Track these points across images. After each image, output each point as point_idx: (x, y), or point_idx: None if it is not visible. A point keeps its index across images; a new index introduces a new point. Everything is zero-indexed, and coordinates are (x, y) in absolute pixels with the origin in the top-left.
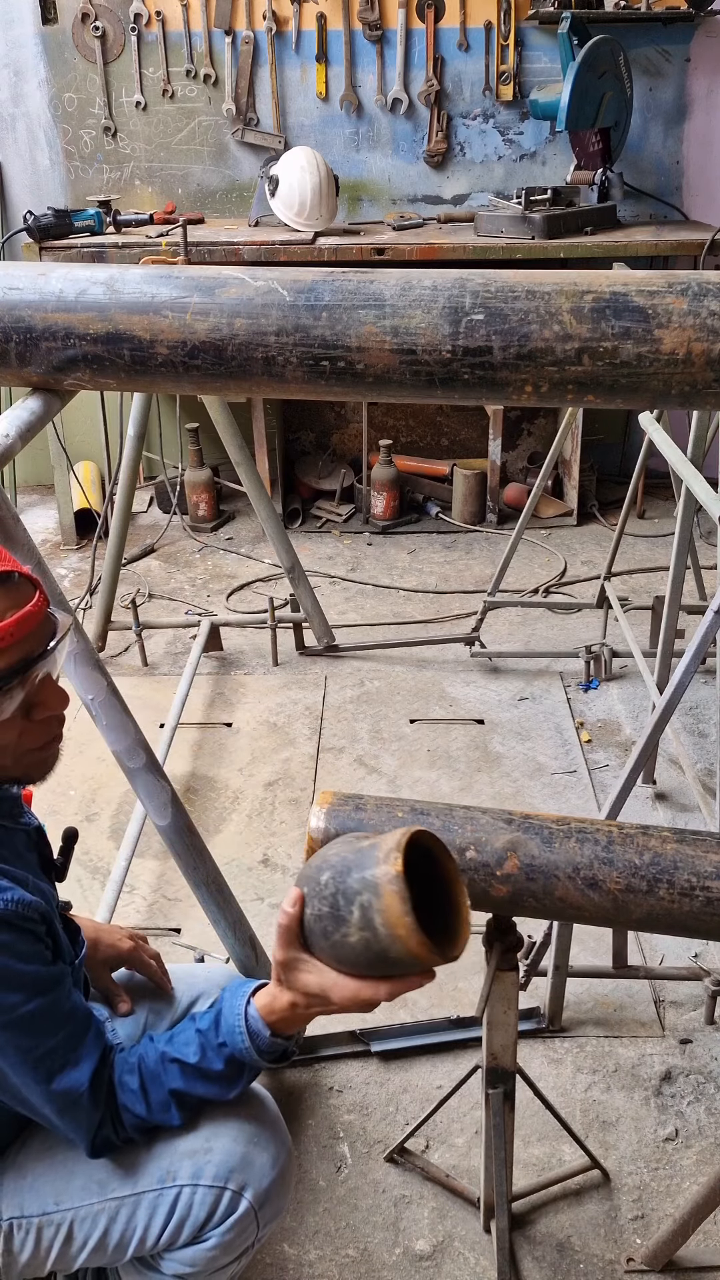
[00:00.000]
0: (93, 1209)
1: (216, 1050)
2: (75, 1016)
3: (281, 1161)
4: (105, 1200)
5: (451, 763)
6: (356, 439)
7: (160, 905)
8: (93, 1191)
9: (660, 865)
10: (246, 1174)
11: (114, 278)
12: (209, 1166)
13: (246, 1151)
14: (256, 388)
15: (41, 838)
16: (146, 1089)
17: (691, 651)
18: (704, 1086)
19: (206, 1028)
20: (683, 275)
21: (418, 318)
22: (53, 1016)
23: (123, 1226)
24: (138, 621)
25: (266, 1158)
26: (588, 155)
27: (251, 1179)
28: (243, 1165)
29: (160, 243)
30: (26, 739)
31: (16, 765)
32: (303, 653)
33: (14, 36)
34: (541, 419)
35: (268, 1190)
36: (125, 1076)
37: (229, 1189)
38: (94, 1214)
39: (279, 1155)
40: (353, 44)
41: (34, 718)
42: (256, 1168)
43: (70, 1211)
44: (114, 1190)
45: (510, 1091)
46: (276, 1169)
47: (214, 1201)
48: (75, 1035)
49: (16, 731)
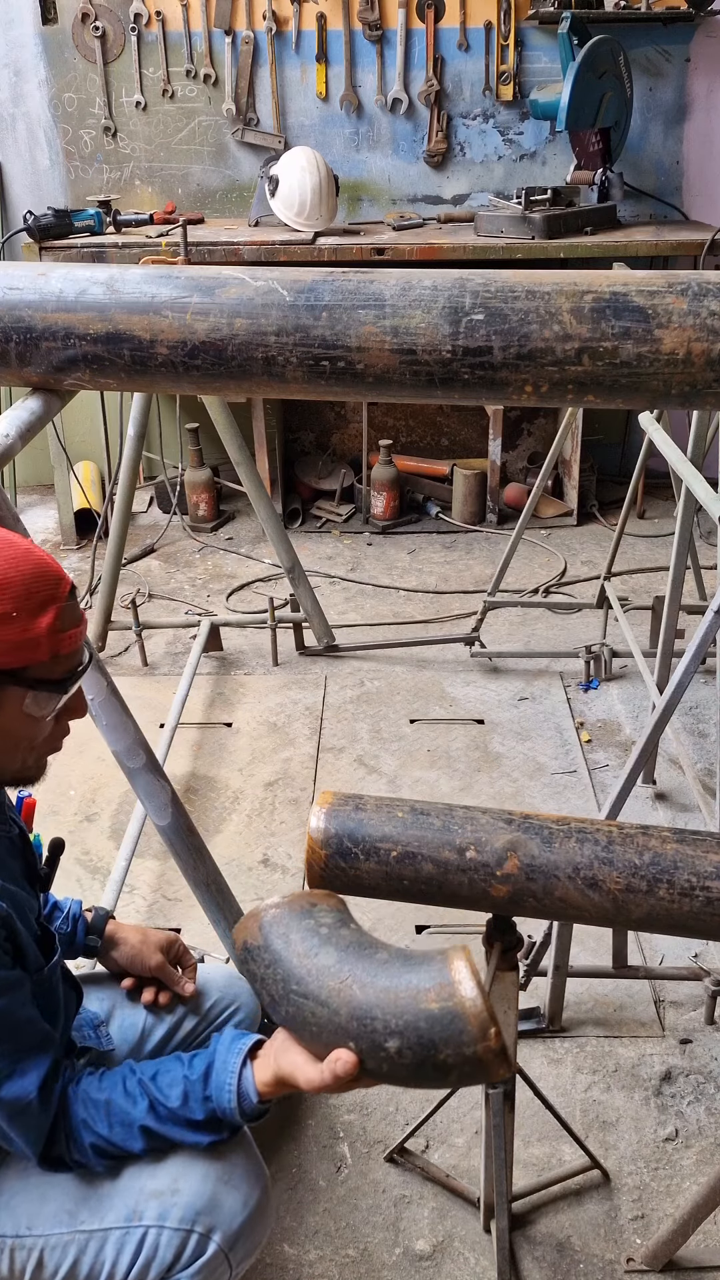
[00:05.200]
0: (62, 1238)
1: (201, 1102)
2: (27, 1026)
3: (253, 1201)
4: (75, 1231)
5: (451, 763)
6: (356, 439)
7: (160, 905)
8: (63, 1221)
9: (660, 865)
10: (215, 1216)
11: (114, 278)
12: (175, 1209)
13: (215, 1192)
14: (256, 388)
15: (25, 844)
16: (111, 1114)
17: (691, 651)
18: (704, 1086)
19: (195, 1077)
20: (683, 275)
21: (418, 318)
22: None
23: (91, 1260)
24: (138, 621)
25: (237, 1198)
26: (588, 155)
27: (220, 1221)
28: (210, 1207)
29: (160, 243)
30: (51, 740)
31: (24, 766)
32: (303, 653)
33: (14, 36)
34: (541, 419)
35: (238, 1232)
36: (93, 1094)
37: (196, 1231)
38: (64, 1244)
39: (251, 1195)
40: (353, 44)
41: (62, 720)
42: (226, 1209)
43: (41, 1238)
44: (83, 1222)
45: (510, 1091)
46: (248, 1210)
47: (180, 1244)
48: (24, 1044)
49: (47, 732)
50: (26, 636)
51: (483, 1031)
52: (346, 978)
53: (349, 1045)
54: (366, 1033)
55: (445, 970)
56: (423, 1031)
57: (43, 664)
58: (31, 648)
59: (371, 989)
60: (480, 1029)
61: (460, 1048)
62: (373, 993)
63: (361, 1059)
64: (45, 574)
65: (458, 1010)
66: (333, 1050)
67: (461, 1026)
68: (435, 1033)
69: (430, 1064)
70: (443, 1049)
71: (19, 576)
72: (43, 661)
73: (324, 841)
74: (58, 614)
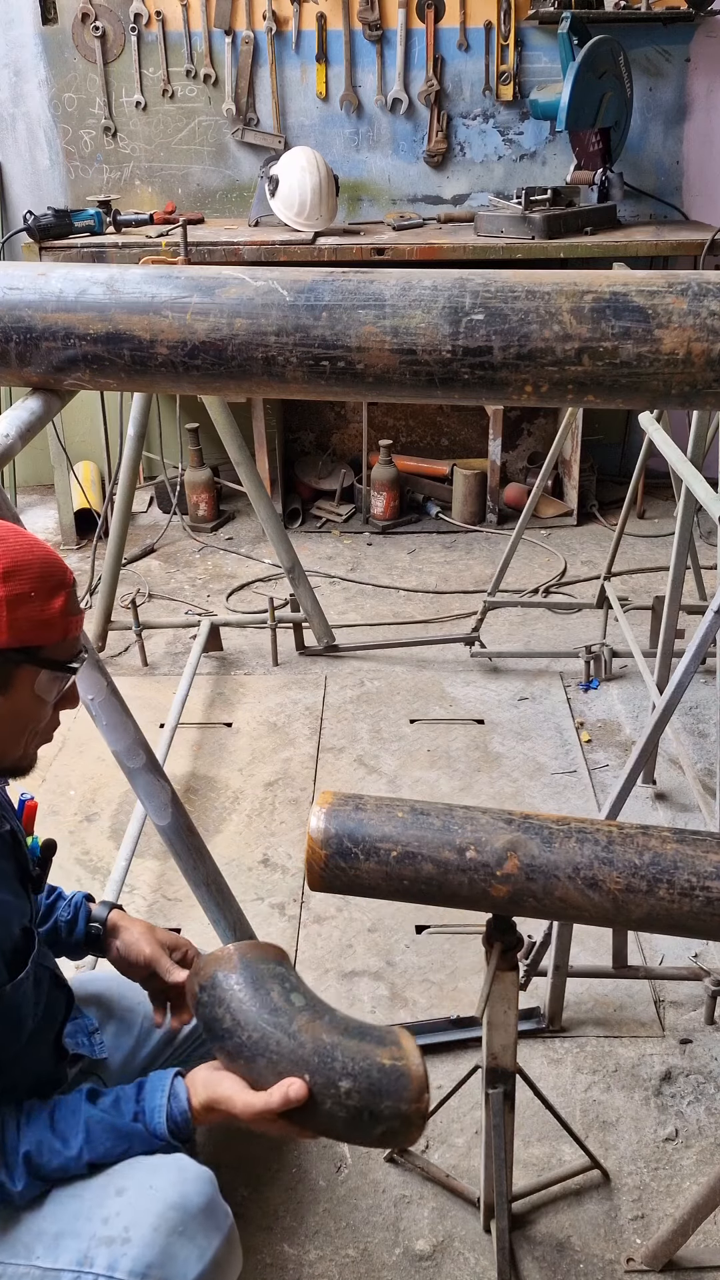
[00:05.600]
0: (18, 1271)
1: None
2: None
3: (211, 1252)
4: (30, 1265)
5: (451, 763)
6: (356, 439)
7: (160, 905)
8: (20, 1253)
9: (660, 865)
10: (167, 1269)
11: (114, 278)
12: (124, 1259)
13: (168, 1244)
14: (256, 388)
15: (17, 844)
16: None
17: (691, 651)
18: (704, 1086)
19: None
20: (683, 275)
21: (418, 318)
22: None
23: None
24: (138, 621)
25: (192, 1250)
26: (588, 155)
27: (173, 1274)
28: (163, 1259)
29: (160, 243)
30: (47, 729)
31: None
32: (303, 653)
33: (14, 36)
34: (541, 419)
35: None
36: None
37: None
38: (19, 1276)
39: (209, 1245)
40: (353, 44)
41: (57, 709)
42: (179, 1261)
43: (3, 1266)
44: (38, 1257)
45: (510, 1091)
46: (204, 1262)
47: None
48: None
49: (45, 718)
50: (44, 616)
51: (419, 1093)
52: (315, 1019)
53: (304, 1077)
54: (325, 1068)
55: (397, 1039)
56: (374, 1079)
57: (56, 645)
58: (48, 627)
59: (336, 1033)
60: (419, 1090)
61: (399, 1102)
62: (337, 1036)
63: (312, 1091)
64: (54, 560)
65: (405, 1070)
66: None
67: (405, 1084)
68: (383, 1083)
69: (369, 1110)
70: (384, 1099)
71: (35, 560)
72: (55, 642)
73: (324, 841)
74: (67, 598)
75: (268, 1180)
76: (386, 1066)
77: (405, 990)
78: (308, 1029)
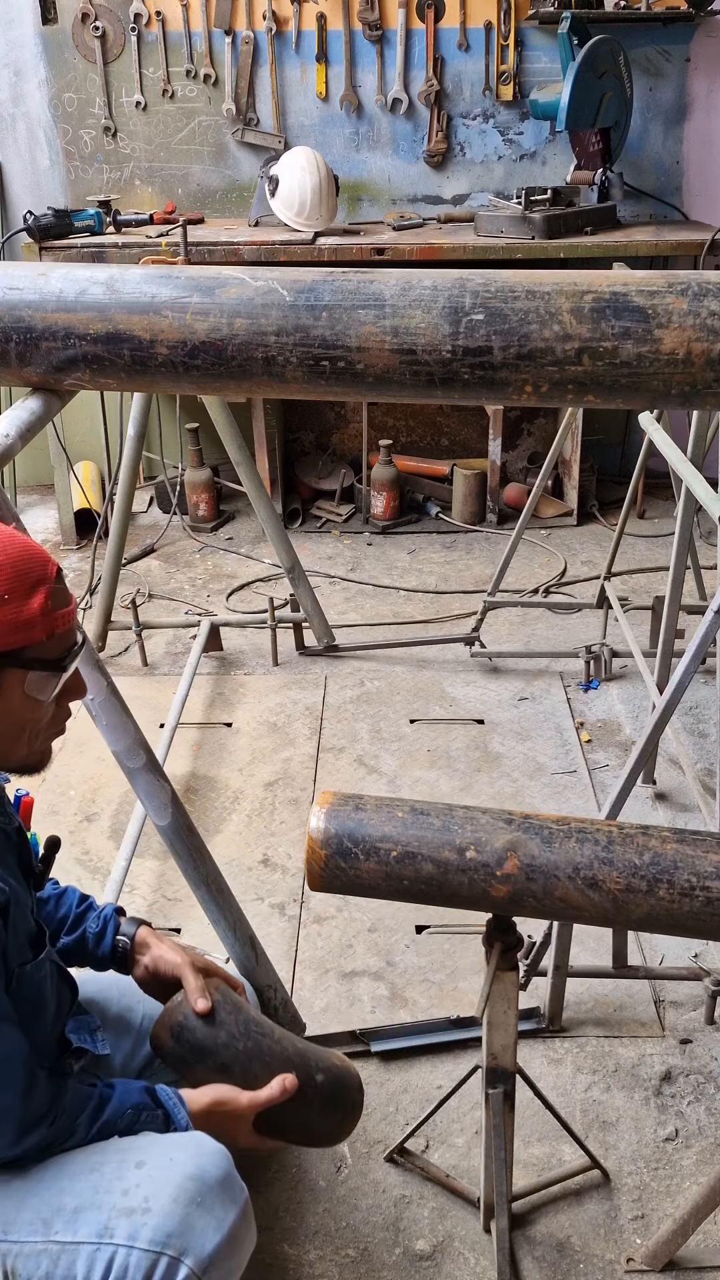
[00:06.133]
0: (35, 1248)
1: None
2: None
3: (229, 1224)
4: (48, 1241)
5: (451, 763)
6: (356, 439)
7: (160, 905)
8: (37, 1229)
9: (660, 865)
10: (186, 1238)
11: (114, 278)
12: (145, 1229)
13: (187, 1214)
14: (256, 388)
15: (21, 839)
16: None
17: (691, 651)
18: (704, 1086)
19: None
20: (683, 275)
21: (418, 318)
22: None
23: (63, 1274)
24: (138, 621)
25: (210, 1221)
26: (588, 155)
27: (192, 1244)
28: (182, 1229)
29: (160, 243)
30: (54, 723)
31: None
32: (303, 653)
33: (14, 36)
34: (541, 419)
35: (212, 1255)
36: None
37: (166, 1254)
38: (36, 1253)
39: (226, 1217)
40: (353, 44)
41: (63, 702)
42: (198, 1231)
43: (16, 1245)
44: (56, 1233)
45: (510, 1091)
46: (222, 1234)
47: (150, 1266)
48: None
49: (49, 714)
50: (21, 618)
51: (361, 1085)
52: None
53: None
54: (305, 1064)
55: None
56: (338, 1072)
57: (39, 644)
58: (27, 628)
59: (302, 1043)
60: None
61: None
62: (303, 1045)
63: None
64: (33, 556)
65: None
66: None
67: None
68: (343, 1075)
69: (335, 1098)
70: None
71: (8, 560)
72: (39, 642)
73: (324, 841)
74: (48, 595)
75: (268, 1180)
76: (339, 1064)
77: (405, 990)
78: (286, 1039)
